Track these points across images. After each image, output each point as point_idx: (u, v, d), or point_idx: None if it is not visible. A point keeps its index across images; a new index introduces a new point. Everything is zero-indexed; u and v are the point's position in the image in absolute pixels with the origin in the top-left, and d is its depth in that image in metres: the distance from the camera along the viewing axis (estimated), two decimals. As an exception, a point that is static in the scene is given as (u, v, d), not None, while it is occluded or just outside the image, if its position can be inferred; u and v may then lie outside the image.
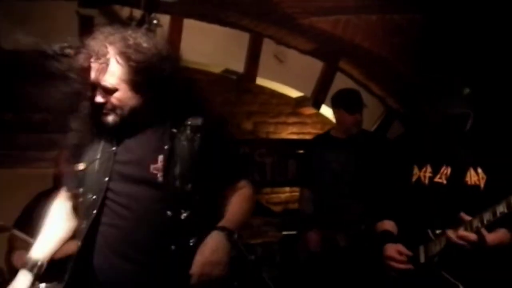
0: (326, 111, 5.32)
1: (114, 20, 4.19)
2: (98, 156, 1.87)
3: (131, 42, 1.83)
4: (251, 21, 4.55)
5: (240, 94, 5.17)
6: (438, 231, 2.27)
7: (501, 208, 2.03)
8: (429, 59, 4.21)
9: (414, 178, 2.39)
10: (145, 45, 1.84)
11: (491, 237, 2.10)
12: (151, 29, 3.88)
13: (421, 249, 2.32)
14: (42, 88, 1.94)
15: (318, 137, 4.03)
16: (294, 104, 5.45)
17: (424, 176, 2.36)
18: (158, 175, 1.78)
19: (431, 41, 4.13)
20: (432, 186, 2.34)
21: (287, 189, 5.30)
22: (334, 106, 3.81)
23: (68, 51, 1.85)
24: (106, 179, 1.81)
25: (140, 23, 3.97)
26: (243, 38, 4.85)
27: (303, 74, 5.14)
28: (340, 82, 5.11)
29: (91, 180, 1.84)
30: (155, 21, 3.79)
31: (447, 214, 2.25)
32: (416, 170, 2.39)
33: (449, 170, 2.33)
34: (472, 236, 2.09)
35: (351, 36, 4.33)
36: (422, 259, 2.30)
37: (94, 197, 1.82)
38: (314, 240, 3.51)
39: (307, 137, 5.42)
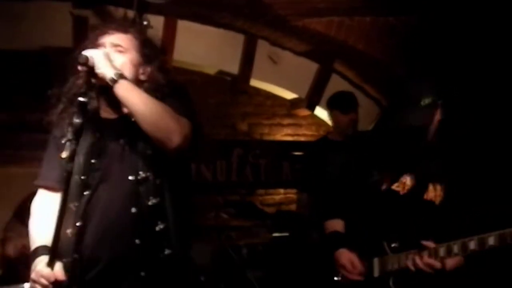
0: (321, 112, 5.33)
1: (108, 21, 4.20)
2: (83, 142, 1.87)
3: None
4: (245, 22, 4.56)
5: (235, 96, 5.18)
6: (393, 245, 2.22)
7: (492, 241, 1.93)
8: (423, 61, 4.23)
9: (371, 179, 2.33)
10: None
11: (450, 263, 2.07)
12: (142, 30, 3.90)
13: (376, 262, 2.25)
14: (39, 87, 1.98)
15: (315, 142, 4.07)
16: (289, 106, 5.46)
17: (382, 182, 2.30)
18: (124, 146, 1.90)
19: (425, 42, 4.15)
20: (388, 193, 2.28)
21: (281, 190, 5.30)
22: (329, 108, 3.87)
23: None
24: (93, 160, 1.87)
25: (131, 24, 3.99)
26: (237, 39, 4.87)
27: (298, 76, 5.15)
28: (335, 83, 5.13)
29: (78, 162, 1.84)
30: (145, 22, 3.80)
31: (403, 227, 2.22)
32: (375, 173, 2.33)
33: (408, 180, 2.28)
34: (438, 264, 2.06)
35: (344, 37, 4.34)
36: (376, 273, 2.24)
37: (83, 177, 1.85)
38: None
39: (302, 138, 5.43)
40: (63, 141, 1.86)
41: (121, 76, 1.78)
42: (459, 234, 2.02)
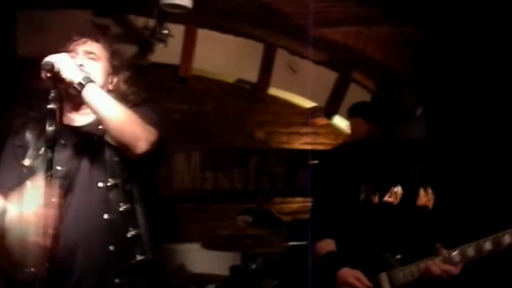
0: (340, 121, 5.31)
1: (129, 30, 4.27)
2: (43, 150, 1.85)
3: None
4: (263, 31, 4.59)
5: (253, 104, 5.19)
6: (398, 257, 2.18)
7: (487, 246, 1.99)
8: (440, 70, 4.19)
9: (362, 196, 2.25)
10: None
11: (459, 269, 2.10)
12: (162, 39, 3.95)
13: (383, 277, 2.18)
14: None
15: (332, 150, 4.05)
16: (307, 115, 5.45)
17: (374, 195, 2.25)
18: (93, 155, 1.90)
19: (443, 52, 4.11)
20: (382, 206, 2.24)
21: (299, 199, 5.29)
22: (351, 115, 3.83)
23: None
24: (59, 167, 1.84)
25: (153, 32, 4.04)
26: (257, 48, 4.89)
27: (316, 85, 5.14)
28: (354, 93, 5.12)
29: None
30: (166, 31, 3.85)
31: (402, 237, 2.19)
32: (364, 187, 2.26)
33: (399, 189, 2.25)
34: (455, 269, 2.06)
35: (362, 47, 4.33)
36: (387, 287, 2.18)
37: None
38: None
39: (320, 147, 5.42)
40: (28, 149, 1.89)
41: (89, 79, 1.78)
42: (458, 237, 2.03)
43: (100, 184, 1.87)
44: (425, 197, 2.25)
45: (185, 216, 4.89)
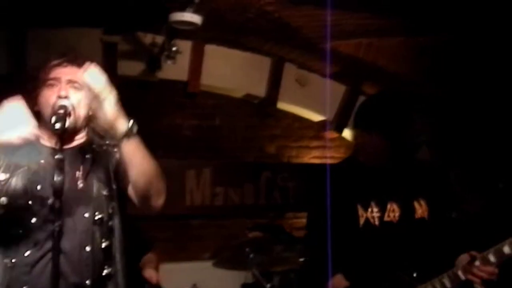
0: (349, 134, 5.28)
1: (138, 47, 4.26)
2: (42, 160, 1.82)
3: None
4: (272, 46, 4.58)
5: (262, 118, 5.17)
6: (414, 274, 2.13)
7: (507, 249, 1.97)
8: (455, 80, 4.16)
9: (362, 221, 2.18)
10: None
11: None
12: (171, 56, 3.94)
13: None
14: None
15: (342, 163, 4.00)
16: (317, 128, 5.42)
17: (373, 217, 2.19)
18: (79, 182, 1.83)
19: (457, 61, 4.09)
20: (383, 226, 2.18)
21: (310, 213, 5.23)
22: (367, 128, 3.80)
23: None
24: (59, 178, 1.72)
25: (161, 49, 4.04)
26: (264, 62, 4.89)
27: (325, 98, 5.12)
28: (363, 105, 5.09)
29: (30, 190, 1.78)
30: (174, 48, 3.84)
31: (412, 254, 2.15)
32: (361, 210, 2.19)
33: (395, 206, 2.21)
34: (496, 270, 2.03)
35: (373, 59, 4.31)
36: None
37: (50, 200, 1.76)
38: None
39: (330, 161, 5.37)
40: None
41: (134, 131, 1.72)
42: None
43: (86, 215, 1.81)
44: (420, 209, 2.24)
45: (196, 233, 4.84)
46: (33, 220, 1.75)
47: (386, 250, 2.18)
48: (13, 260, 1.73)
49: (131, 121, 1.72)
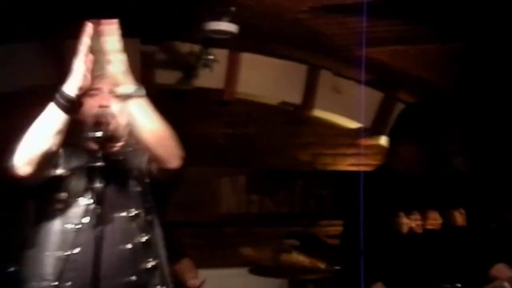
0: (386, 142, 5.22)
1: (174, 56, 4.34)
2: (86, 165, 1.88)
3: None
4: (307, 53, 4.59)
5: (298, 126, 5.17)
6: (459, 285, 2.12)
7: None
8: (492, 88, 4.08)
9: (405, 228, 2.21)
10: None
11: None
12: (207, 64, 4.00)
13: None
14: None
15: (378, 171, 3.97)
16: (352, 135, 5.39)
17: (416, 225, 2.22)
18: (115, 184, 1.90)
19: (492, 68, 4.01)
20: (426, 234, 2.21)
21: (346, 221, 5.19)
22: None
23: None
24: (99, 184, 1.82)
25: (198, 58, 4.10)
26: (300, 70, 4.89)
27: (361, 105, 5.09)
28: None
29: (79, 186, 1.87)
30: (211, 56, 3.89)
31: (453, 263, 2.15)
32: (404, 218, 2.22)
33: (436, 215, 2.22)
34: None
35: (408, 66, 4.28)
36: None
37: (89, 202, 1.84)
38: None
39: (366, 169, 5.32)
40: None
41: (140, 93, 1.77)
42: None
43: (123, 214, 1.89)
44: (460, 218, 2.25)
45: (230, 241, 4.86)
46: (84, 219, 1.82)
47: (429, 258, 2.19)
48: (65, 253, 1.80)
49: (138, 86, 1.78)
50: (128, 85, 1.76)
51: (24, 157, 1.71)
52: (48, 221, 1.85)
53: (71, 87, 1.72)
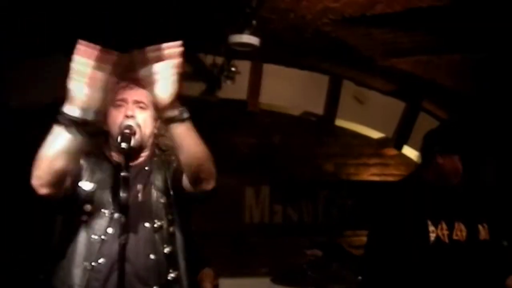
0: (409, 151, 5.20)
1: (198, 68, 4.40)
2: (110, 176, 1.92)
3: None
4: (329, 64, 4.60)
5: (321, 136, 5.19)
6: None
7: None
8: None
9: (432, 237, 2.24)
10: None
11: None
12: (230, 76, 4.05)
13: None
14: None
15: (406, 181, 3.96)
16: (376, 145, 5.38)
17: (443, 234, 2.25)
18: (139, 195, 1.94)
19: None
20: (452, 244, 2.24)
21: (370, 232, 5.17)
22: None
23: None
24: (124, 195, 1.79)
25: (221, 70, 4.15)
26: (322, 80, 4.92)
27: (385, 115, 5.09)
28: (424, 122, 5.01)
29: (104, 197, 1.89)
30: (233, 68, 3.95)
31: (477, 275, 2.17)
32: (432, 227, 2.25)
33: (462, 226, 2.26)
34: None
35: (432, 76, 4.25)
36: None
37: (117, 215, 1.85)
38: None
39: (389, 178, 5.30)
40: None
41: (187, 116, 1.75)
42: None
43: (147, 224, 1.91)
44: (483, 232, 2.29)
45: (254, 250, 4.89)
46: (109, 230, 1.86)
47: (455, 268, 2.21)
48: (92, 264, 1.84)
49: (184, 108, 1.73)
50: (173, 109, 1.72)
51: (40, 179, 1.68)
52: (75, 232, 1.88)
53: (71, 107, 1.63)
